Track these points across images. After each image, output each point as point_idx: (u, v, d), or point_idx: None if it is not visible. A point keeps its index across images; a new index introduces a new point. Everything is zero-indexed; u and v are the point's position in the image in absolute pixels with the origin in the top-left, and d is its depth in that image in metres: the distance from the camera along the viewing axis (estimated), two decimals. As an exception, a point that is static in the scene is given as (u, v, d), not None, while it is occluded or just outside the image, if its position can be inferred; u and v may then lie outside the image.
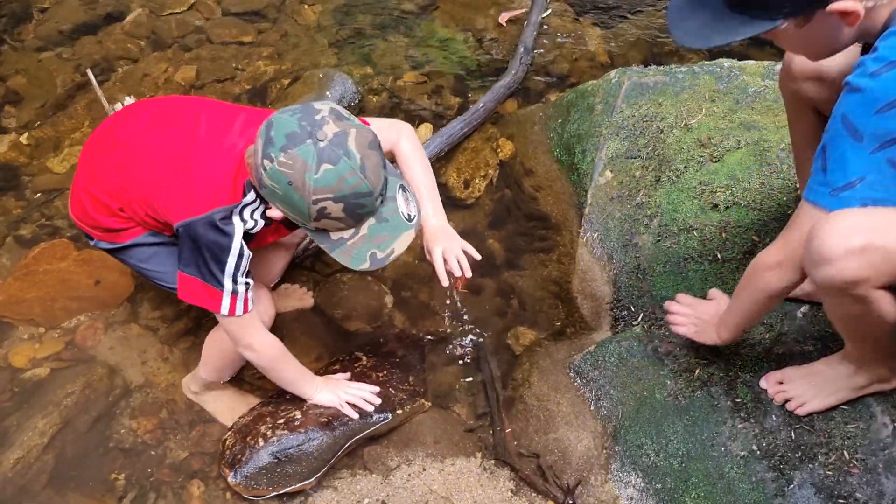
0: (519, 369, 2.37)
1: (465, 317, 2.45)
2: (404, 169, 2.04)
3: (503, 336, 2.47)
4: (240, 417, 2.24)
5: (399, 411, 2.25)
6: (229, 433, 2.21)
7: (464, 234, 2.00)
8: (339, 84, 3.15)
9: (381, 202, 1.76)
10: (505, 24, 3.57)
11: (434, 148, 2.90)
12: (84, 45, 3.56)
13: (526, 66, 3.28)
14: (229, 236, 1.82)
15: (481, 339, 2.44)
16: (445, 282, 1.97)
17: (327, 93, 3.07)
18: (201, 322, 2.48)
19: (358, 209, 1.71)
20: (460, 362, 2.41)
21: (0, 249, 2.74)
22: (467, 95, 3.23)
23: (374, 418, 2.21)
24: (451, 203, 2.83)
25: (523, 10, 3.61)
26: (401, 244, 1.80)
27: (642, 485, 2.01)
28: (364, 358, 2.38)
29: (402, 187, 1.83)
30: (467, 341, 2.45)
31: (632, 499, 2.01)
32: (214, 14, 3.66)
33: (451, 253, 1.97)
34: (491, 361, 2.39)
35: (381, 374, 2.32)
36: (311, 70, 3.30)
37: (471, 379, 2.38)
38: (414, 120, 3.10)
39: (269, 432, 2.14)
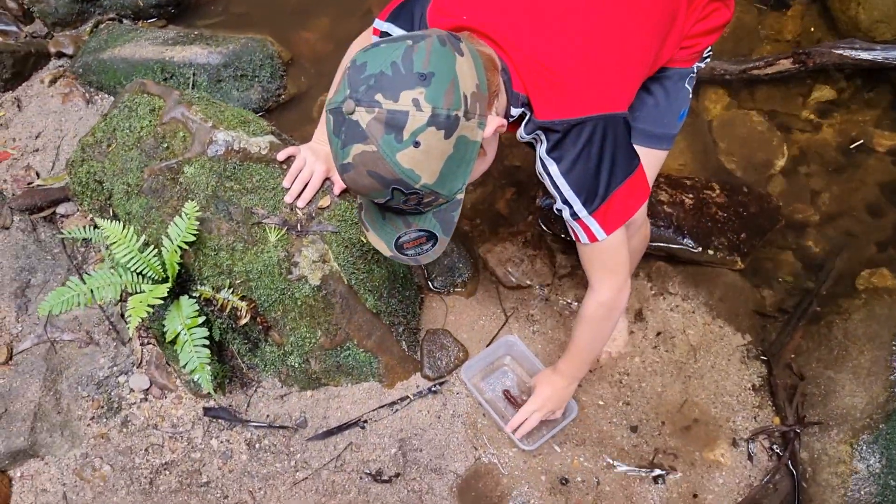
0: (849, 301, 2.11)
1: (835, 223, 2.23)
2: (576, 322, 1.67)
3: (859, 266, 2.21)
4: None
5: (710, 251, 2.16)
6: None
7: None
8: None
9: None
10: None
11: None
12: None
13: None
14: None
15: (835, 252, 2.22)
16: (507, 429, 1.87)
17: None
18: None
19: None
20: (799, 257, 2.23)
21: None
22: None
23: (684, 242, 2.16)
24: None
25: None
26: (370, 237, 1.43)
27: (878, 472, 1.78)
28: (718, 190, 2.28)
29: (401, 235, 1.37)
30: (818, 245, 2.24)
31: (860, 476, 1.80)
32: None
33: (529, 410, 1.82)
34: (830, 275, 2.17)
35: (721, 214, 2.22)
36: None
37: (796, 280, 2.20)
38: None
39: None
